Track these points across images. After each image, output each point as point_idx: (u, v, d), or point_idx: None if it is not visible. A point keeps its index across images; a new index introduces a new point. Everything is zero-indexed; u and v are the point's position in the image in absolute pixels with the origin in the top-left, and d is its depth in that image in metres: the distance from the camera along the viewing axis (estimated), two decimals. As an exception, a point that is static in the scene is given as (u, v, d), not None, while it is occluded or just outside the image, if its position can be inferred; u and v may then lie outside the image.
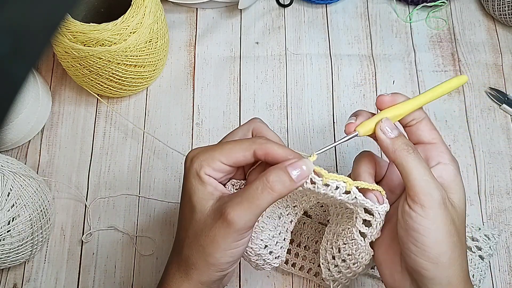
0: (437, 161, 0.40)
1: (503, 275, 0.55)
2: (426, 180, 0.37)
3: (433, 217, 0.36)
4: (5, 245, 0.49)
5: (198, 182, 0.37)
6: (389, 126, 0.39)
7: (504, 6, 0.63)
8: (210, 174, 0.37)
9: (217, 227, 0.36)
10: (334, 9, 0.68)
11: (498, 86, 0.63)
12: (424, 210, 0.36)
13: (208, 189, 0.37)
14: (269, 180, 0.35)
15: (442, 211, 0.36)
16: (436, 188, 0.37)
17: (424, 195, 0.36)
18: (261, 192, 0.35)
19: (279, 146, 0.37)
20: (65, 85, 0.64)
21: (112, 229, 0.57)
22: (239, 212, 0.35)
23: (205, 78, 0.64)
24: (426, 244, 0.36)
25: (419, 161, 0.37)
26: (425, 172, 0.37)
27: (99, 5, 0.61)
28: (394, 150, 0.38)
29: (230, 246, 0.36)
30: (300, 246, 0.54)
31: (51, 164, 0.60)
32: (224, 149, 0.37)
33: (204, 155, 0.37)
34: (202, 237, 0.36)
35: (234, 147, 0.37)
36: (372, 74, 0.64)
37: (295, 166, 0.36)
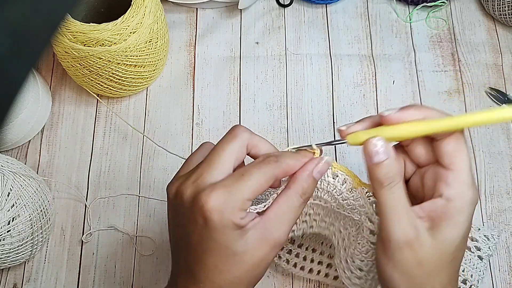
0: (439, 193, 0.34)
1: (503, 275, 0.55)
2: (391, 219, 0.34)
3: (390, 256, 0.35)
4: (5, 245, 0.49)
5: (238, 230, 0.34)
6: (377, 149, 0.34)
7: (504, 6, 0.63)
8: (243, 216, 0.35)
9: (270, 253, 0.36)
10: (334, 9, 0.68)
11: (498, 86, 0.63)
12: (383, 248, 0.36)
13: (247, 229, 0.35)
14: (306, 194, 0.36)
15: (401, 252, 0.34)
16: (400, 228, 0.34)
17: (384, 233, 0.35)
18: (299, 208, 0.36)
19: (292, 159, 0.36)
20: (65, 85, 0.64)
21: (112, 229, 0.57)
22: (286, 232, 0.36)
23: (205, 78, 0.64)
24: (385, 279, 0.36)
25: (393, 196, 0.34)
26: (393, 210, 0.34)
27: (99, 5, 0.61)
28: (371, 178, 0.35)
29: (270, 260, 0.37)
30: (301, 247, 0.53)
31: (51, 164, 0.60)
32: (250, 186, 0.34)
33: (234, 201, 0.34)
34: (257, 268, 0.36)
35: (259, 180, 0.35)
36: (372, 74, 0.64)
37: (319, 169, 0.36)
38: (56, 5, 0.19)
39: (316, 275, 0.53)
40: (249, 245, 0.35)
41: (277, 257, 0.53)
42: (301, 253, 0.53)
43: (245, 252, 0.35)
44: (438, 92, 0.63)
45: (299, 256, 0.53)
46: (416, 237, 0.34)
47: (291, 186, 0.36)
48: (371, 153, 0.34)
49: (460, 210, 0.34)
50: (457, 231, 0.35)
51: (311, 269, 0.53)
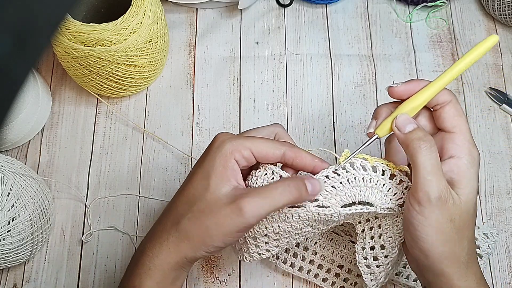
0: (450, 154, 0.39)
1: (503, 275, 0.55)
2: (428, 179, 0.37)
3: (427, 214, 0.37)
4: (5, 245, 0.49)
5: (222, 164, 0.38)
6: (403, 122, 0.39)
7: (504, 6, 0.63)
8: (238, 159, 0.39)
9: (229, 213, 0.37)
10: (334, 9, 0.68)
11: (498, 86, 0.63)
12: (419, 207, 0.37)
13: (229, 174, 0.39)
14: (290, 184, 0.38)
15: (438, 210, 0.37)
16: (435, 188, 0.37)
17: (422, 193, 0.37)
18: (282, 199, 0.38)
19: (310, 156, 0.40)
20: (65, 85, 0.64)
21: (112, 229, 0.57)
22: (255, 206, 0.37)
23: (205, 78, 0.64)
24: (418, 238, 0.38)
25: (429, 157, 0.37)
26: (430, 170, 0.37)
27: (99, 5, 0.61)
28: (407, 144, 0.38)
29: (232, 234, 0.38)
30: (299, 247, 0.53)
31: (51, 164, 0.60)
32: (256, 141, 0.39)
33: (238, 141, 0.39)
34: (209, 217, 0.38)
35: (267, 142, 0.39)
36: (372, 74, 0.64)
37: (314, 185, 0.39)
38: (56, 5, 0.19)
39: (305, 274, 0.53)
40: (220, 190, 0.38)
41: (274, 257, 0.53)
42: (296, 251, 0.53)
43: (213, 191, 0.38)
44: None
45: (289, 253, 0.53)
46: (449, 195, 0.37)
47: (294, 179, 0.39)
48: (402, 126, 0.38)
49: (471, 165, 0.39)
50: (473, 186, 0.38)
51: (301, 267, 0.53)
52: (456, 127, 0.39)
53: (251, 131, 0.43)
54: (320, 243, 0.53)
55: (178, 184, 0.59)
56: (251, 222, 0.37)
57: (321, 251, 0.53)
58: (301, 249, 0.53)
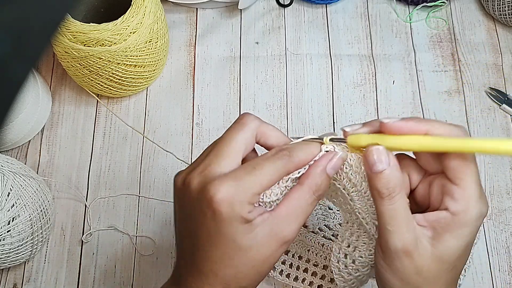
0: (445, 206, 0.34)
1: (503, 275, 0.55)
2: (388, 229, 0.34)
3: (389, 263, 0.35)
4: (5, 245, 0.49)
5: (246, 224, 0.34)
6: (376, 157, 0.33)
7: (504, 6, 0.63)
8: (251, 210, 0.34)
9: (278, 250, 0.35)
10: (334, 9, 0.68)
11: (498, 86, 0.63)
12: (383, 254, 0.35)
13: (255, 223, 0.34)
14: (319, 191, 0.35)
15: (400, 262, 0.34)
16: (398, 239, 0.34)
17: (383, 241, 0.35)
18: (311, 205, 0.35)
19: (305, 152, 0.35)
20: (65, 85, 0.64)
21: (112, 229, 0.57)
22: (296, 229, 0.35)
23: (205, 78, 0.64)
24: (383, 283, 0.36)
25: (391, 207, 0.34)
26: (390, 221, 0.34)
27: (99, 5, 0.61)
28: (370, 187, 0.34)
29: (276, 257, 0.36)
30: (294, 256, 0.53)
31: (51, 164, 0.60)
32: (261, 180, 0.34)
33: (243, 194, 0.33)
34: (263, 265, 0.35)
35: (271, 174, 0.34)
36: (372, 74, 0.64)
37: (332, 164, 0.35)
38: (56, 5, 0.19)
39: (301, 283, 0.52)
40: (257, 240, 0.34)
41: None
42: (287, 260, 0.53)
43: (251, 247, 0.34)
44: (438, 92, 0.63)
45: (285, 263, 0.52)
46: (415, 246, 0.34)
47: (304, 182, 0.35)
48: (371, 161, 0.33)
49: (465, 224, 0.33)
50: (460, 243, 0.34)
51: (296, 276, 0.52)
52: (459, 180, 0.33)
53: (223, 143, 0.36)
54: (313, 250, 0.52)
55: (178, 184, 0.59)
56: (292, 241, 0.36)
57: (314, 258, 0.52)
58: (297, 258, 0.53)
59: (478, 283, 0.55)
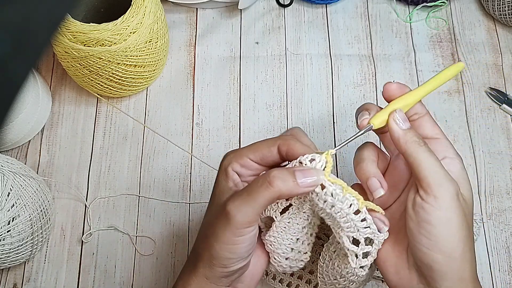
0: (443, 156, 0.39)
1: (503, 275, 0.55)
2: (439, 172, 0.36)
3: (447, 208, 0.35)
4: (5, 245, 0.49)
5: (223, 177, 0.39)
6: (402, 117, 0.38)
7: (504, 6, 0.63)
8: (237, 170, 0.39)
9: (219, 218, 0.37)
10: (334, 9, 0.68)
11: (498, 86, 0.63)
12: (437, 201, 0.35)
13: (229, 184, 0.39)
14: (270, 175, 0.35)
15: (456, 203, 0.35)
16: (450, 180, 0.36)
17: (438, 186, 0.35)
18: (260, 186, 0.35)
19: (302, 145, 0.37)
20: (65, 85, 0.64)
21: (112, 229, 0.57)
22: (238, 206, 0.35)
23: (205, 78, 0.64)
24: (440, 236, 0.35)
25: (431, 154, 0.37)
26: (437, 164, 0.36)
27: (99, 5, 0.61)
28: (406, 141, 0.37)
29: (229, 240, 0.36)
30: None
31: (51, 164, 0.60)
32: (252, 146, 0.39)
33: (235, 153, 0.39)
34: (209, 228, 0.38)
35: (261, 143, 0.39)
36: (372, 74, 0.64)
37: (306, 173, 0.35)
38: (56, 5, 0.19)
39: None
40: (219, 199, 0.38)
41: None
42: None
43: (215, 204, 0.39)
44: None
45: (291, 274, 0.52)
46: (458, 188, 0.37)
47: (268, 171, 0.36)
48: (399, 122, 0.38)
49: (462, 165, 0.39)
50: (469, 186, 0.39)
51: (290, 282, 0.51)
52: (438, 134, 0.40)
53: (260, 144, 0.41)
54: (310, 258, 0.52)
55: (178, 184, 0.59)
56: (240, 223, 0.35)
57: (310, 266, 0.52)
58: None
59: (478, 283, 0.55)
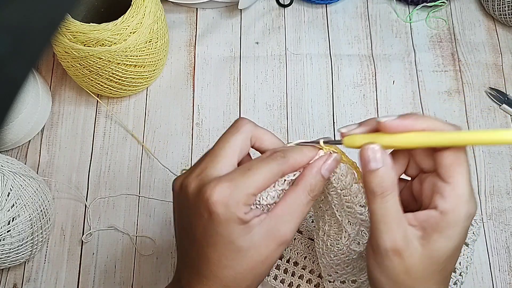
0: (434, 205, 0.34)
1: (503, 275, 0.55)
2: (379, 228, 0.34)
3: (380, 263, 0.35)
4: (5, 245, 0.49)
5: (242, 225, 0.34)
6: (370, 156, 0.34)
7: (504, 6, 0.63)
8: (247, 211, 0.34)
9: (276, 250, 0.35)
10: (334, 9, 0.68)
11: (498, 86, 0.63)
12: (373, 254, 0.35)
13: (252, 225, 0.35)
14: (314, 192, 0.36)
15: (390, 261, 0.34)
16: (388, 239, 0.34)
17: (374, 241, 0.35)
18: (307, 205, 0.36)
19: (297, 153, 0.36)
20: (65, 85, 0.64)
21: (112, 229, 0.57)
22: (293, 229, 0.35)
23: (205, 78, 0.64)
24: (374, 282, 0.36)
25: (382, 206, 0.34)
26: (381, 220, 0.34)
27: (99, 5, 0.61)
28: (366, 185, 0.35)
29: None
30: (290, 262, 0.52)
31: (51, 164, 0.60)
32: (256, 181, 0.34)
33: (239, 195, 0.33)
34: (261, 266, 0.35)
35: (266, 175, 0.34)
36: (372, 74, 0.64)
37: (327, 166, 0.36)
38: (56, 5, 0.19)
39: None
40: (254, 241, 0.34)
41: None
42: (282, 265, 0.52)
43: (249, 248, 0.34)
44: (438, 92, 0.63)
45: (279, 269, 0.52)
46: (406, 246, 0.34)
47: (299, 183, 0.35)
48: (366, 159, 0.34)
49: (453, 224, 0.33)
50: (449, 243, 0.34)
51: (291, 282, 0.52)
52: (450, 178, 0.33)
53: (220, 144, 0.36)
54: (310, 257, 0.52)
55: (178, 184, 0.59)
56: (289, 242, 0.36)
57: (311, 265, 0.52)
58: (292, 264, 0.52)
59: (478, 283, 0.55)
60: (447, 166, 0.33)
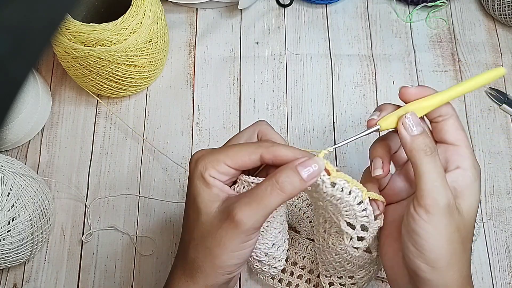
0: (456, 165, 0.38)
1: (503, 275, 0.55)
2: (435, 185, 0.36)
3: (436, 223, 0.36)
4: (5, 245, 0.49)
5: (203, 184, 0.36)
6: (412, 122, 0.37)
7: (504, 6, 0.63)
8: (215, 176, 0.36)
9: (224, 228, 0.35)
10: (334, 9, 0.68)
11: (498, 86, 0.63)
12: (427, 215, 0.36)
13: (214, 191, 0.36)
14: (278, 181, 0.35)
15: (446, 219, 0.36)
16: (444, 195, 0.36)
17: (430, 200, 0.36)
18: (270, 193, 0.35)
19: (287, 148, 0.37)
20: (65, 85, 0.64)
21: (112, 229, 0.57)
22: (247, 213, 0.35)
23: (205, 78, 0.64)
24: (425, 248, 0.36)
25: (434, 165, 0.36)
26: (437, 177, 0.36)
27: (99, 5, 0.61)
28: (412, 149, 0.37)
29: (237, 247, 0.36)
30: (288, 262, 0.52)
31: (51, 164, 0.60)
32: (229, 152, 0.37)
33: (209, 157, 0.36)
34: (209, 239, 0.36)
35: (240, 150, 0.37)
36: (372, 74, 0.64)
37: (305, 165, 0.35)
38: (56, 5, 0.19)
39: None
40: (210, 209, 0.36)
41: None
42: (287, 267, 0.52)
43: (205, 213, 0.36)
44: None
45: (285, 272, 0.52)
46: (454, 204, 0.36)
47: (271, 174, 0.36)
48: (410, 126, 0.37)
49: (475, 178, 0.38)
50: (476, 199, 0.38)
51: (289, 282, 0.52)
52: (460, 140, 0.39)
53: (232, 138, 0.40)
54: (309, 257, 0.52)
55: (178, 184, 0.59)
56: (249, 229, 0.35)
57: (310, 265, 0.52)
58: (290, 264, 0.52)
59: (478, 283, 0.55)
60: (454, 131, 0.39)
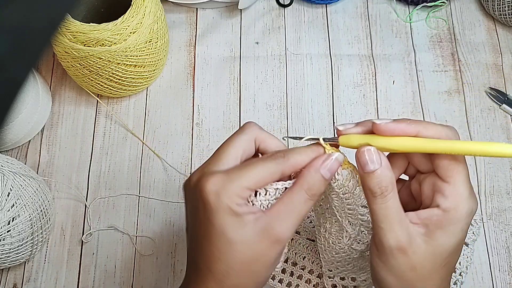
0: (436, 203, 0.35)
1: (503, 275, 0.55)
2: (381, 227, 0.35)
3: (385, 261, 0.35)
4: (5, 245, 0.49)
5: (233, 216, 0.34)
6: (367, 158, 0.34)
7: (504, 6, 0.63)
8: (241, 203, 0.35)
9: (268, 248, 0.35)
10: (334, 9, 0.68)
11: (498, 86, 0.63)
12: (378, 253, 0.36)
13: (245, 219, 0.35)
14: (307, 187, 0.35)
15: (395, 259, 0.35)
16: (391, 237, 0.34)
17: (377, 239, 0.35)
18: (304, 202, 0.35)
19: (298, 153, 0.36)
20: (65, 85, 0.64)
21: (112, 229, 0.57)
22: (286, 226, 0.35)
23: (205, 78, 0.64)
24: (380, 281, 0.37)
25: (384, 206, 0.34)
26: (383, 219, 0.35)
27: (99, 5, 0.61)
28: (363, 184, 0.35)
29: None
30: (288, 262, 0.52)
31: (51, 164, 0.60)
32: (251, 175, 0.35)
33: (231, 186, 0.34)
34: (253, 262, 0.35)
35: (262, 171, 0.35)
36: (372, 74, 0.64)
37: (326, 164, 0.35)
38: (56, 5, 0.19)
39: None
40: (246, 236, 0.34)
41: None
42: (287, 268, 0.52)
43: (241, 242, 0.34)
44: (438, 92, 0.63)
45: (285, 272, 0.52)
46: (409, 244, 0.35)
47: (296, 182, 0.35)
48: (363, 161, 0.34)
49: (456, 221, 0.35)
50: (452, 239, 0.35)
51: (289, 282, 0.52)
52: (449, 178, 0.34)
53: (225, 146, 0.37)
54: (309, 258, 0.52)
55: (178, 184, 0.59)
56: (288, 241, 0.36)
57: (310, 266, 0.52)
58: (290, 264, 0.52)
59: (478, 283, 0.55)
60: (445, 166, 0.34)
